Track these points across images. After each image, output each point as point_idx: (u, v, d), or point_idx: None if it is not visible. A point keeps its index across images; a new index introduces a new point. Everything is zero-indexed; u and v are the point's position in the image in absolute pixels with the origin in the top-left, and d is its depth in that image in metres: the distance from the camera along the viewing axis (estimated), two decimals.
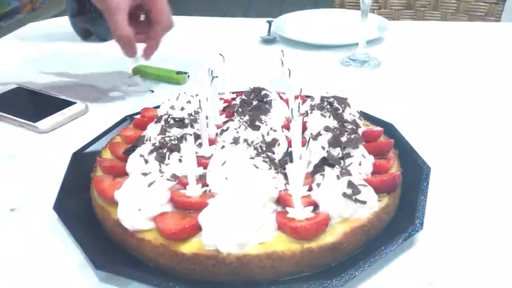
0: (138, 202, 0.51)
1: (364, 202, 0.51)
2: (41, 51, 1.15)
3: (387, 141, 0.63)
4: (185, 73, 0.96)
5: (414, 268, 0.51)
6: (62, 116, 0.81)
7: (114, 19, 0.75)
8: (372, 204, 0.52)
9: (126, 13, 0.76)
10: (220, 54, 0.76)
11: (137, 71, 0.98)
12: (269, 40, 1.17)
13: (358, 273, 0.48)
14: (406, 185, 0.59)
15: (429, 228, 0.55)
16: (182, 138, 0.59)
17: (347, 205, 0.51)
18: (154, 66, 0.98)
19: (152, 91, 0.93)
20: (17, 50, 1.17)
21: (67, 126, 0.81)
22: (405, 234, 0.52)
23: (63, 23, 1.23)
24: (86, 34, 1.19)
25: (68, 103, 0.85)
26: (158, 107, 0.74)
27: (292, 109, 0.54)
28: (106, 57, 1.10)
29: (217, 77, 0.65)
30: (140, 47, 0.83)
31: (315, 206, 0.52)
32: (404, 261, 0.52)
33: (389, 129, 0.70)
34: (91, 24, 1.16)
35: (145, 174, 0.53)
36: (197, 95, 0.71)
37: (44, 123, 0.78)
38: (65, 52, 1.15)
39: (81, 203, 0.59)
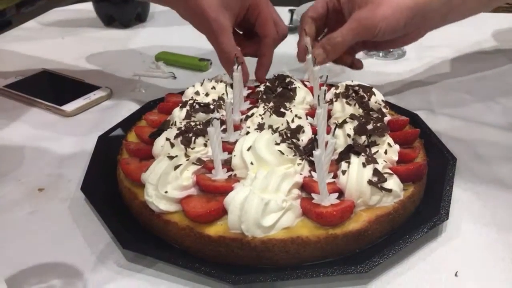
0: (164, 185, 0.51)
1: (389, 191, 0.51)
2: (65, 37, 1.16)
3: (413, 130, 0.63)
4: (208, 60, 0.97)
5: (439, 258, 0.51)
6: (87, 100, 0.82)
7: (219, 42, 0.68)
8: (397, 193, 0.52)
9: (231, 33, 0.69)
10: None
11: (160, 57, 0.98)
12: (291, 29, 1.15)
13: (382, 261, 0.48)
14: (432, 175, 0.58)
15: (454, 218, 0.55)
16: (207, 123, 0.60)
17: (372, 193, 0.51)
18: (177, 53, 0.99)
19: (175, 77, 0.94)
20: (41, 35, 1.18)
21: (91, 110, 0.82)
22: (430, 223, 0.52)
23: (87, 8, 1.24)
24: (109, 20, 1.20)
25: (93, 88, 0.86)
26: (182, 93, 0.74)
27: (318, 96, 0.54)
28: (129, 43, 1.11)
29: (243, 63, 0.65)
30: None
31: (340, 193, 0.52)
32: (429, 250, 0.52)
33: (414, 119, 0.69)
34: (114, 10, 1.17)
35: (171, 158, 0.54)
36: (221, 81, 0.72)
37: (70, 107, 0.80)
38: (88, 38, 1.16)
39: (107, 185, 0.60)
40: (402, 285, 0.48)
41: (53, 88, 0.89)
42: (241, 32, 0.78)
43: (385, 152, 0.56)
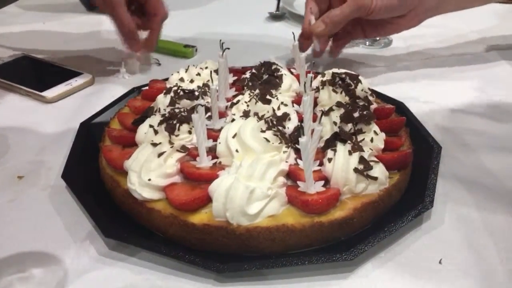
0: (148, 172, 0.50)
1: (375, 178, 0.51)
2: (46, 21, 1.13)
3: (399, 118, 0.63)
4: (193, 46, 0.95)
5: (423, 245, 0.51)
6: (69, 87, 0.80)
7: (116, 13, 0.76)
8: (383, 181, 0.52)
9: (125, 6, 0.77)
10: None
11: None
12: (277, 16, 1.15)
13: (368, 248, 0.48)
14: (417, 163, 0.58)
15: (439, 206, 0.55)
16: (192, 110, 0.59)
17: (358, 180, 0.51)
18: (162, 39, 0.97)
19: (159, 64, 0.92)
20: (21, 19, 1.15)
21: (73, 96, 0.80)
22: (415, 211, 0.52)
23: None
24: (91, 5, 1.17)
25: (75, 74, 0.84)
26: (166, 79, 0.73)
27: (305, 83, 0.53)
28: (111, 28, 1.08)
29: (228, 49, 0.64)
30: None
31: (326, 181, 0.52)
32: (414, 238, 0.52)
33: (400, 108, 0.69)
34: None
35: (155, 145, 0.53)
36: (206, 67, 0.70)
37: (50, 93, 0.78)
38: (70, 23, 1.13)
39: (89, 173, 0.59)
40: (387, 273, 0.48)
41: (33, 73, 0.87)
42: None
43: (371, 140, 0.55)
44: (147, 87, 0.72)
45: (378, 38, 1.00)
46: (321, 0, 0.81)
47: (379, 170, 0.52)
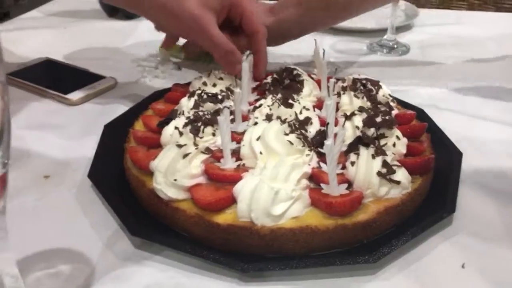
0: (173, 173, 0.51)
1: (398, 182, 0.51)
2: (67, 27, 1.15)
3: (421, 124, 0.63)
4: None
5: (446, 249, 0.51)
6: (92, 90, 0.82)
7: (209, 36, 0.67)
8: (405, 185, 0.52)
9: (217, 26, 0.68)
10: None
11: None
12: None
13: (391, 251, 0.48)
14: (438, 169, 0.59)
15: (461, 211, 0.55)
16: (215, 113, 0.60)
17: (381, 184, 0.51)
18: (181, 45, 0.98)
19: (180, 69, 0.93)
20: (43, 24, 1.18)
21: (96, 99, 0.81)
22: (437, 216, 0.52)
23: None
24: (112, 11, 1.19)
25: (98, 77, 0.85)
26: (188, 83, 0.74)
27: (328, 87, 0.54)
28: (132, 34, 1.11)
29: (251, 53, 0.65)
30: None
31: (348, 185, 0.52)
32: (436, 242, 0.52)
33: (420, 114, 0.70)
34: None
35: (180, 146, 0.54)
36: (229, 72, 0.71)
37: (74, 95, 0.79)
38: (91, 28, 1.15)
39: (113, 173, 0.60)
40: (410, 277, 0.48)
41: (57, 77, 0.89)
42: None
43: (394, 145, 0.56)
44: (169, 91, 0.73)
45: (395, 46, 1.01)
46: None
47: (402, 175, 0.52)
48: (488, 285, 0.47)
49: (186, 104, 0.64)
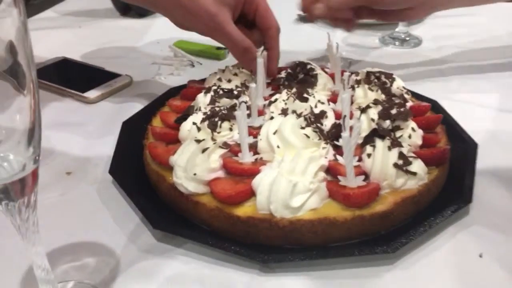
0: (193, 167, 0.53)
1: (414, 174, 0.52)
2: (82, 26, 1.17)
3: (436, 115, 0.64)
4: (225, 48, 0.97)
5: (463, 239, 0.52)
6: (109, 88, 0.83)
7: (226, 33, 0.67)
8: (422, 176, 0.53)
9: (233, 24, 0.68)
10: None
11: (177, 46, 0.99)
12: (305, 18, 1.17)
13: (409, 241, 0.49)
14: (454, 160, 0.59)
15: (477, 201, 0.55)
16: (231, 108, 0.61)
17: (397, 175, 0.52)
18: (194, 42, 1.00)
19: (193, 66, 0.94)
20: (58, 24, 1.19)
21: (113, 97, 0.83)
22: (454, 206, 0.53)
23: None
24: (125, 9, 1.21)
25: (114, 76, 0.87)
26: (203, 80, 0.75)
27: (343, 81, 0.55)
28: (146, 32, 1.12)
29: (266, 49, 0.65)
30: None
31: (365, 177, 0.53)
32: (453, 233, 0.52)
33: (434, 106, 0.70)
34: None
35: (198, 141, 0.55)
36: (243, 68, 0.72)
37: (92, 94, 0.81)
38: (105, 27, 1.17)
39: (133, 169, 0.61)
40: (427, 266, 0.49)
41: (74, 75, 0.90)
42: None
43: (409, 137, 0.57)
44: (185, 88, 0.74)
45: (407, 39, 1.01)
46: None
47: (418, 166, 0.53)
48: (507, 274, 0.47)
49: (203, 100, 0.65)
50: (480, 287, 0.47)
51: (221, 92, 0.65)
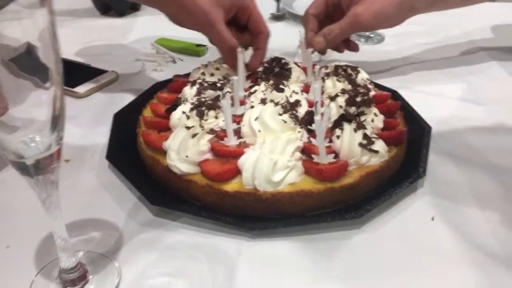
0: (185, 150, 0.59)
1: (376, 152, 0.61)
2: (62, 25, 1.20)
3: (395, 102, 0.73)
4: (204, 45, 1.04)
5: (418, 207, 0.61)
6: (97, 83, 0.88)
7: (216, 31, 0.74)
8: (383, 154, 0.62)
9: (225, 25, 0.75)
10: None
11: (159, 44, 1.05)
12: (278, 17, 1.25)
13: (372, 208, 0.57)
14: (411, 141, 0.68)
15: (430, 175, 0.65)
16: (216, 99, 0.68)
17: (362, 154, 0.60)
18: (175, 40, 1.06)
19: (175, 62, 1.01)
20: None
21: (101, 92, 0.89)
22: (411, 179, 0.61)
23: None
24: (105, 9, 1.25)
25: (100, 72, 0.92)
26: (187, 74, 0.82)
27: (314, 72, 0.63)
28: (127, 31, 1.17)
29: (246, 50, 0.73)
30: None
31: (335, 155, 0.61)
32: (410, 202, 0.61)
33: (394, 95, 0.79)
34: None
35: (188, 128, 0.62)
36: (224, 63, 0.80)
37: (81, 89, 0.86)
38: (86, 26, 1.21)
39: (128, 155, 0.68)
40: (388, 229, 0.57)
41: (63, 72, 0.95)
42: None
43: (372, 121, 0.65)
44: (170, 82, 0.81)
45: (371, 36, 1.10)
46: (319, 13, 0.86)
47: (379, 145, 0.61)
48: (453, 234, 0.57)
49: (189, 92, 0.71)
50: (431, 244, 0.56)
51: (205, 84, 0.72)
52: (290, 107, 0.66)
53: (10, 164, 0.41)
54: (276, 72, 0.77)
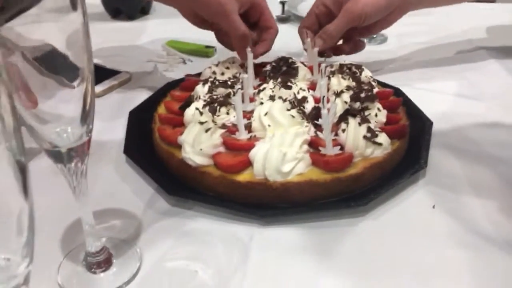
0: (199, 144, 0.63)
1: (380, 144, 0.64)
2: None
3: (397, 98, 0.76)
4: (213, 47, 1.08)
5: (420, 196, 0.64)
6: (111, 83, 0.93)
7: (231, 20, 0.79)
8: (386, 146, 0.65)
9: (238, 15, 0.80)
10: None
11: (170, 45, 1.09)
12: (284, 19, 1.28)
13: (376, 197, 0.61)
14: (413, 135, 0.72)
15: (431, 166, 0.68)
16: (227, 96, 0.72)
17: (366, 146, 0.64)
18: (185, 42, 1.10)
19: (185, 63, 1.05)
20: None
21: (116, 91, 0.93)
22: (412, 170, 0.65)
23: (90, 2, 1.33)
24: (115, 12, 1.29)
25: (114, 73, 0.96)
26: (198, 74, 0.86)
27: (320, 71, 0.66)
28: (137, 33, 1.21)
29: (254, 46, 0.77)
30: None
31: (341, 148, 0.65)
32: (412, 191, 0.65)
33: (396, 92, 0.82)
34: (122, 2, 1.26)
35: (202, 123, 0.66)
36: (234, 62, 0.83)
37: (98, 88, 0.90)
38: (97, 29, 1.24)
39: (144, 149, 0.72)
40: (391, 216, 0.61)
41: None
42: None
43: (376, 115, 0.69)
44: (182, 81, 0.85)
45: (375, 36, 1.14)
46: (311, 25, 0.90)
47: (383, 138, 0.65)
48: (452, 221, 0.60)
49: (201, 90, 0.75)
50: (432, 231, 0.59)
51: (217, 83, 0.76)
52: (298, 103, 0.70)
53: (45, 153, 0.45)
54: (283, 70, 0.81)
